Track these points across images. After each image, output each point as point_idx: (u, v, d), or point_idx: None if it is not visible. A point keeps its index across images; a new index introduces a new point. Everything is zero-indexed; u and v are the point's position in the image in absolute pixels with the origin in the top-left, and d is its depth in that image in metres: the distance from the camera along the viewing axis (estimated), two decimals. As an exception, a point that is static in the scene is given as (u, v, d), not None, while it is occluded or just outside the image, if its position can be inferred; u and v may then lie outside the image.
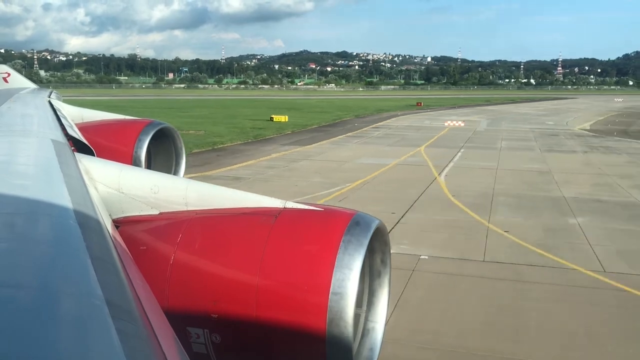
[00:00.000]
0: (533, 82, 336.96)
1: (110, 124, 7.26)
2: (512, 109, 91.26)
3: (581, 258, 13.51)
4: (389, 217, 16.39)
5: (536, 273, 12.47)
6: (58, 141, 3.99)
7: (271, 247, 2.74)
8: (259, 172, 25.21)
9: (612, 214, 18.39)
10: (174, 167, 6.87)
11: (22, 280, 1.60)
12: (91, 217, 2.32)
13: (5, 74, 19.49)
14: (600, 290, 11.59)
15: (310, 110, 76.23)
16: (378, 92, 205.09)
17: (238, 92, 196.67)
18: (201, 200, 3.15)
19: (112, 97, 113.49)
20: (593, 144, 40.37)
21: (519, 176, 25.41)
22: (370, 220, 2.90)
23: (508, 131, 49.48)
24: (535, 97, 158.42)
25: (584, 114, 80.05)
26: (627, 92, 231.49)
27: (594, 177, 25.67)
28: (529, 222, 17.03)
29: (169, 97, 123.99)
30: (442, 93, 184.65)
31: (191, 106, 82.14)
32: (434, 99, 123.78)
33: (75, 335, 1.35)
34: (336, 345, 2.59)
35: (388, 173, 25.67)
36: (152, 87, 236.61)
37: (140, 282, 2.13)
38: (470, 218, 17.27)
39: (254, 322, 2.64)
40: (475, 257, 13.53)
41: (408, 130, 49.32)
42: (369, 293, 3.21)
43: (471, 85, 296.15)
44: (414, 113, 75.61)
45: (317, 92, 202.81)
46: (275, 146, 35.13)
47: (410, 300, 10.71)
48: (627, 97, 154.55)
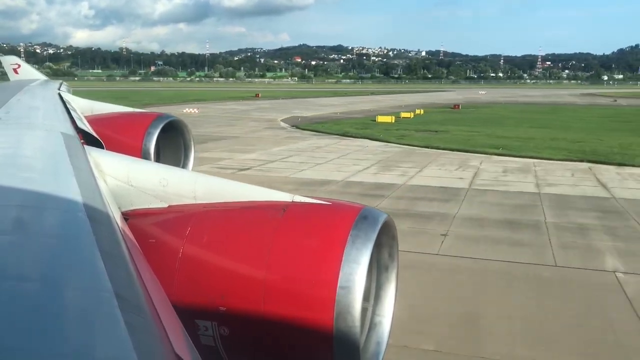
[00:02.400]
0: (501, 75, 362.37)
1: (120, 116, 7.29)
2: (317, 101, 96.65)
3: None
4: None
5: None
6: (68, 134, 4.01)
7: (279, 241, 2.74)
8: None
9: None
10: (182, 160, 6.89)
11: (31, 272, 1.61)
12: (100, 210, 2.33)
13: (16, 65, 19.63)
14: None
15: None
16: (303, 85, 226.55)
17: (183, 84, 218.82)
18: (209, 193, 3.16)
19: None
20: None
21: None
22: (378, 215, 2.90)
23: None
24: (419, 90, 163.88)
25: (348, 107, 77.23)
26: (576, 86, 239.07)
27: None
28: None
29: (107, 88, 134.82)
30: (366, 86, 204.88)
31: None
32: (322, 91, 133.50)
33: (83, 328, 1.36)
34: (343, 338, 2.60)
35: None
36: (106, 80, 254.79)
37: (148, 275, 2.15)
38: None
39: (261, 316, 2.65)
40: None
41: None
42: (376, 287, 3.22)
43: (422, 80, 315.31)
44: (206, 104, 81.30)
45: (249, 84, 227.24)
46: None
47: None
48: (529, 91, 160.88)
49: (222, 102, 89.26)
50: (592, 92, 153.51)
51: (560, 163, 27.76)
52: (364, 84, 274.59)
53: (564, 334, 9.27)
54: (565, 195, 20.21)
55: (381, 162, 27.78)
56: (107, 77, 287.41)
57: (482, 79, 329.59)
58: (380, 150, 32.27)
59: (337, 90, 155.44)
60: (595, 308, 10.35)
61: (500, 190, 21.07)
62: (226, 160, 27.90)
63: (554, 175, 24.31)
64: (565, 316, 9.99)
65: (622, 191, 20.97)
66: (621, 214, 17.64)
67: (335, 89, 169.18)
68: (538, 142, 35.72)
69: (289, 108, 73.23)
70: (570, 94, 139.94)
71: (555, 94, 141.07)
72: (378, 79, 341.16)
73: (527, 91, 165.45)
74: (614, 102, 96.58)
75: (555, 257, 13.15)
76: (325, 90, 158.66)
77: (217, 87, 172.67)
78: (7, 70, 19.53)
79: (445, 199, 19.40)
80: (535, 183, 22.62)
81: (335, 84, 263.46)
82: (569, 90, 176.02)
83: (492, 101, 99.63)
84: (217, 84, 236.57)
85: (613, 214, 17.55)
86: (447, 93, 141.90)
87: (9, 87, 11.80)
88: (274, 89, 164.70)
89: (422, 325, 9.39)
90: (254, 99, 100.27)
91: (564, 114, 66.31)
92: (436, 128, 44.80)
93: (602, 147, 33.37)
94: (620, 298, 10.74)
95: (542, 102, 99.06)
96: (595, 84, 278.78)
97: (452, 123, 50.21)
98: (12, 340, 1.19)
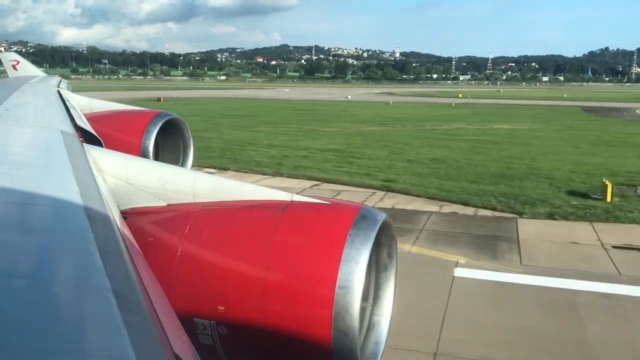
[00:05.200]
0: (435, 76, 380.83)
1: (119, 114, 7.27)
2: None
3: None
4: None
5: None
6: (67, 132, 4.00)
7: (278, 240, 2.74)
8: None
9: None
10: (181, 158, 6.88)
11: (29, 271, 1.61)
12: (99, 208, 2.33)
13: (15, 62, 19.57)
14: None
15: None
16: (226, 83, 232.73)
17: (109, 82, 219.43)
18: (209, 192, 3.16)
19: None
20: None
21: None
22: (376, 214, 2.91)
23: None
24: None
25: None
26: (506, 87, 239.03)
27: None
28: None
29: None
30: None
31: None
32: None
33: (82, 326, 1.36)
34: (342, 338, 2.60)
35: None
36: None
37: (147, 274, 2.14)
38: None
39: (260, 315, 2.65)
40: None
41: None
42: (375, 287, 3.22)
43: (356, 80, 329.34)
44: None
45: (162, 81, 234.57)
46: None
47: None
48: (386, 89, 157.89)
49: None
50: (391, 90, 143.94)
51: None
52: (281, 81, 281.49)
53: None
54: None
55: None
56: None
57: (416, 80, 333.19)
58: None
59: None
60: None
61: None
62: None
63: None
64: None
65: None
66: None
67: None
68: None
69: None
70: (367, 92, 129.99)
71: (358, 92, 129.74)
72: (317, 78, 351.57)
73: (343, 90, 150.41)
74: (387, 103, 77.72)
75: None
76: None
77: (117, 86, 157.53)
78: (6, 66, 19.46)
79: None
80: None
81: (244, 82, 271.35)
82: (396, 89, 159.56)
83: (254, 97, 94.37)
84: (138, 82, 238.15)
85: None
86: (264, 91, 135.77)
87: (8, 84, 11.77)
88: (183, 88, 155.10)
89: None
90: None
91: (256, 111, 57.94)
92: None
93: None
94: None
95: (291, 99, 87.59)
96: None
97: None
98: (11, 339, 1.19)
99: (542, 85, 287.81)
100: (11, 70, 19.13)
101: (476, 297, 10.07)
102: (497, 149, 28.56)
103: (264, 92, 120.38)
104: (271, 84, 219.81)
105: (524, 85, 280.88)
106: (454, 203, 16.81)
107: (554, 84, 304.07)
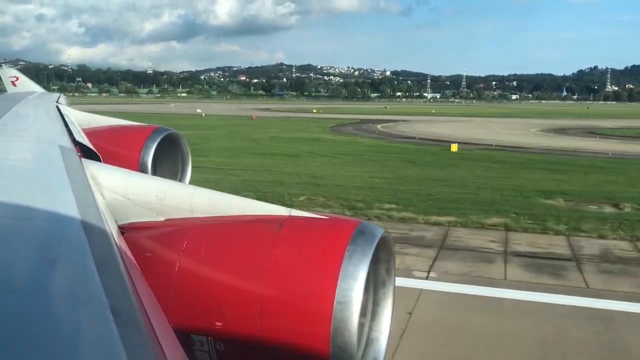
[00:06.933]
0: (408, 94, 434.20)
1: (117, 129, 7.28)
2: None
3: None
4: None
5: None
6: (65, 147, 4.01)
7: (276, 256, 2.73)
8: None
9: None
10: (179, 173, 6.88)
11: (26, 285, 1.60)
12: (97, 223, 2.32)
13: (14, 78, 19.66)
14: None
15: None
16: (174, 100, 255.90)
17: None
18: (207, 207, 3.15)
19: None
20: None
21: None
22: (374, 230, 2.90)
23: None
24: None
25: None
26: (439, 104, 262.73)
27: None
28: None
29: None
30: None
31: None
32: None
33: (79, 342, 1.35)
34: (340, 354, 2.58)
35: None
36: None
37: (144, 289, 2.13)
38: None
39: (258, 331, 2.63)
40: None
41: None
42: (373, 303, 3.20)
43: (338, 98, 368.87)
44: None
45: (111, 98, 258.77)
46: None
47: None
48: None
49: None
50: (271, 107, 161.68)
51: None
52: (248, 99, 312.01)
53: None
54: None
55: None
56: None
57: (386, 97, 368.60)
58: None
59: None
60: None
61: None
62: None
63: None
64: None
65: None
66: None
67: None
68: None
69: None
70: (251, 108, 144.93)
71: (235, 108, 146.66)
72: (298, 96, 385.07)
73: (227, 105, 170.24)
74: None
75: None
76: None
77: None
78: (5, 82, 19.54)
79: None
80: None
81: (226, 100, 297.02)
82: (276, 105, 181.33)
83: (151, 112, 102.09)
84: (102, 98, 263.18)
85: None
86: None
87: (7, 99, 11.80)
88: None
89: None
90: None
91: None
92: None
93: None
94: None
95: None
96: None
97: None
98: (6, 355, 1.17)
99: (504, 103, 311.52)
100: (10, 86, 19.22)
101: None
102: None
103: (152, 107, 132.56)
104: (206, 101, 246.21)
105: (474, 102, 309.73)
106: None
107: (512, 102, 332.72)
